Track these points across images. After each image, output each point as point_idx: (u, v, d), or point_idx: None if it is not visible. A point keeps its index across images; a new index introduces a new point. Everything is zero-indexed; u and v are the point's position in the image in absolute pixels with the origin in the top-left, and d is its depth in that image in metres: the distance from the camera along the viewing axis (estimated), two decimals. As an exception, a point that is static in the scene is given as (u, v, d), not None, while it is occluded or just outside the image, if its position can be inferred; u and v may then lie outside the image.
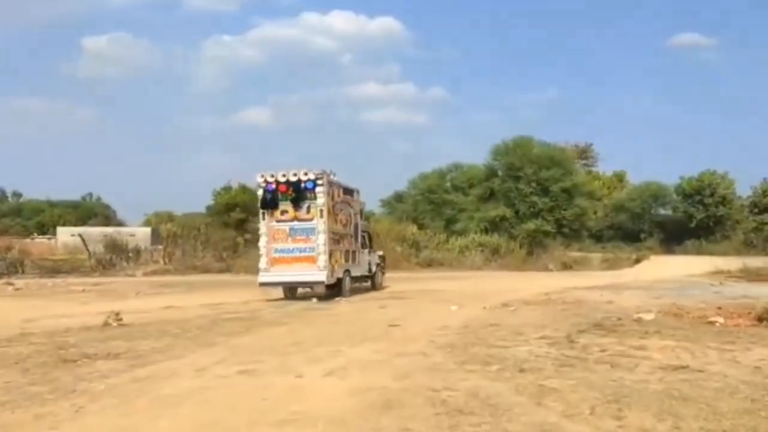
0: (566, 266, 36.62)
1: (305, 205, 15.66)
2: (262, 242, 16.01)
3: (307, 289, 16.30)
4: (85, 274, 30.71)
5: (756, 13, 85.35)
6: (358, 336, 9.45)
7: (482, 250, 36.48)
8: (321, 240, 15.36)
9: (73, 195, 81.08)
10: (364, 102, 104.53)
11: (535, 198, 38.10)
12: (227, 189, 36.19)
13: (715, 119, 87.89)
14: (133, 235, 40.91)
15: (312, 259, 15.36)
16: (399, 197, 54.74)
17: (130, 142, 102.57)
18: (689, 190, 51.86)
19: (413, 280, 24.50)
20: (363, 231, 18.76)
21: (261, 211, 16.16)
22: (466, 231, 39.95)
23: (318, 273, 15.30)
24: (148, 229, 51.23)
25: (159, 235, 40.87)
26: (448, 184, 50.97)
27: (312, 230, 15.47)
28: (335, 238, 16.24)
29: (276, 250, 15.70)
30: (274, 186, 15.73)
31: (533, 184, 38.35)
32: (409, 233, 37.12)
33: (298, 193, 15.62)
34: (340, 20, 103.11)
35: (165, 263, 35.60)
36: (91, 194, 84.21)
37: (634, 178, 65.39)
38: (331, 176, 16.22)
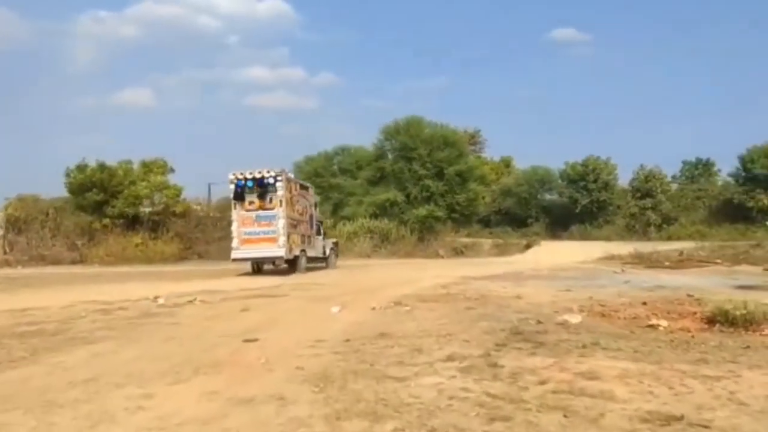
0: (457, 252, 35.32)
1: (268, 197, 19.40)
2: (234, 226, 19.78)
3: (270, 265, 20.40)
4: None
5: (625, 12, 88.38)
6: (192, 361, 6.55)
7: (371, 237, 34.28)
8: (281, 224, 19.13)
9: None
10: (251, 85, 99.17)
11: (428, 181, 36.23)
12: (82, 168, 31.39)
13: (594, 109, 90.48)
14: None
15: (274, 240, 19.12)
16: (284, 182, 51.32)
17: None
18: (574, 175, 52.27)
19: (291, 273, 21.71)
20: (318, 220, 22.76)
21: (233, 202, 19.92)
22: (354, 216, 37.55)
23: (278, 250, 19.14)
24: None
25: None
26: (336, 168, 48.37)
27: (274, 217, 19.24)
28: (293, 224, 19.90)
29: (245, 233, 19.50)
30: (243, 182, 19.36)
31: (428, 165, 36.46)
32: (293, 218, 34.13)
33: (262, 188, 19.34)
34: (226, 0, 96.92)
35: (5, 253, 30.52)
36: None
37: (519, 164, 65.74)
38: (289, 174, 20.26)
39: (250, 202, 19.58)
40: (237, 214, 19.65)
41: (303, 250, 20.48)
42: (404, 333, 8.09)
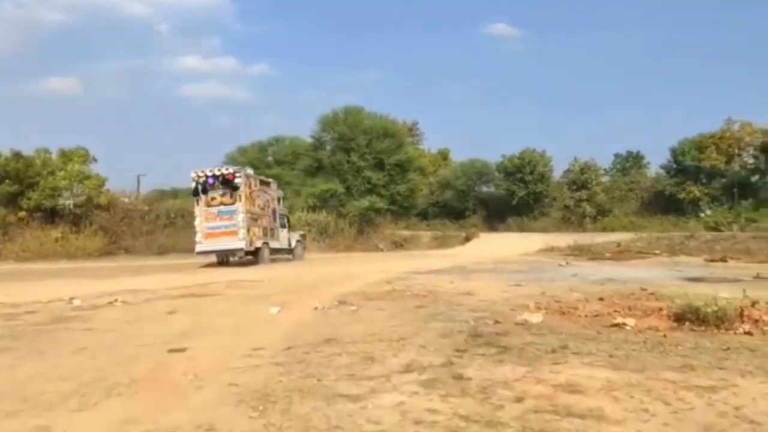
0: (397, 245, 34.80)
1: (229, 193, 20.35)
2: (197, 222, 20.67)
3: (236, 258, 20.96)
4: None
5: (556, 7, 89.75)
6: (105, 379, 5.54)
7: (309, 230, 33.20)
8: (240, 218, 20.17)
9: None
10: (183, 75, 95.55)
11: (368, 172, 35.40)
12: (-9, 157, 28.99)
13: (527, 104, 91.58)
14: None
15: (234, 233, 20.11)
16: (216, 174, 49.50)
17: None
18: (511, 167, 52.55)
19: (225, 267, 20.56)
20: (282, 214, 23.68)
21: (195, 198, 20.87)
22: (291, 208, 36.36)
23: (238, 242, 20.13)
24: None
25: None
26: (270, 158, 46.91)
27: (234, 212, 20.22)
28: (253, 218, 20.89)
29: (208, 227, 20.39)
30: (204, 179, 20.38)
31: (367, 157, 35.60)
32: (226, 211, 32.69)
33: (223, 185, 20.31)
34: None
35: None
36: None
37: (456, 157, 65.75)
38: (248, 171, 21.70)
39: (212, 198, 20.62)
40: (200, 209, 20.74)
41: (266, 243, 21.51)
42: (352, 337, 7.28)
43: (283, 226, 23.33)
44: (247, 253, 20.54)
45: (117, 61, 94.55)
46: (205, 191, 20.48)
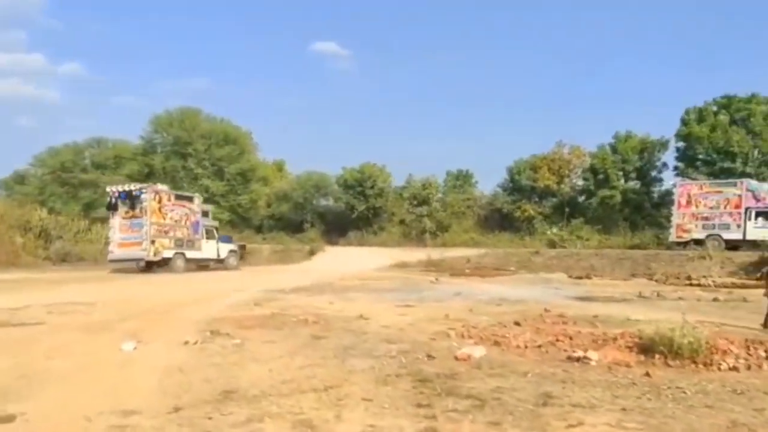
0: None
1: (138, 207, 21.78)
2: (112, 232, 22.58)
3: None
4: None
5: (382, 32, 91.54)
6: None
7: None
8: (144, 230, 21.53)
9: None
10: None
11: (207, 181, 32.39)
12: None
13: (357, 120, 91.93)
14: None
15: (140, 243, 21.45)
16: (20, 178, 43.24)
17: None
18: (351, 181, 51.78)
19: (46, 284, 17.01)
20: (209, 226, 24.73)
21: (109, 212, 22.69)
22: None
23: (142, 252, 21.50)
24: None
25: None
26: (87, 162, 41.87)
27: (140, 224, 21.64)
28: (163, 230, 22.17)
29: (121, 238, 22.04)
30: (117, 195, 22.10)
31: (206, 164, 32.57)
32: (35, 219, 28.07)
33: (133, 199, 21.82)
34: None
35: None
36: None
37: (292, 169, 63.87)
38: (159, 187, 23.04)
39: (126, 212, 22.25)
40: (115, 221, 22.47)
41: (179, 253, 22.79)
42: (260, 388, 5.40)
43: (210, 237, 24.54)
44: (152, 263, 21.84)
45: None
46: (116, 207, 22.32)
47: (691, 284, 15.70)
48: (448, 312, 10.46)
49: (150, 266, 22.11)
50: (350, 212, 52.84)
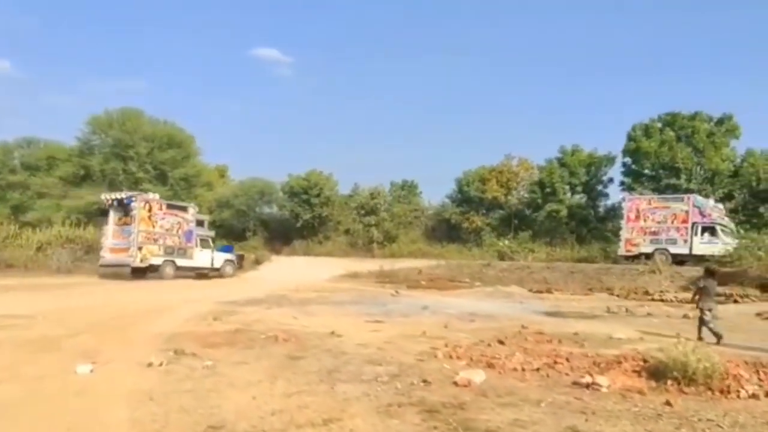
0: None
1: (129, 215, 22.56)
2: (104, 238, 23.38)
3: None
4: None
5: (323, 41, 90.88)
6: None
7: (73, 248, 27.89)
8: (132, 237, 22.28)
9: None
10: None
11: (148, 185, 30.91)
12: None
13: (299, 128, 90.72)
14: None
15: (128, 250, 22.26)
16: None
17: None
18: (296, 188, 50.81)
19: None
20: (203, 235, 25.12)
21: (105, 217, 23.57)
22: (46, 222, 30.50)
23: (128, 258, 22.19)
24: None
25: None
26: (17, 162, 39.58)
27: (129, 231, 22.41)
28: (152, 237, 22.76)
29: (113, 243, 22.93)
30: (111, 202, 23.08)
31: (148, 167, 31.08)
32: (-49, 222, 26.12)
33: (124, 207, 22.77)
34: None
35: None
36: None
37: (234, 175, 62.31)
38: (150, 196, 23.75)
39: (119, 218, 23.04)
40: (110, 227, 23.16)
41: (169, 260, 23.27)
42: (249, 421, 4.80)
43: (205, 247, 24.95)
44: (139, 269, 22.28)
45: None
46: (110, 212, 23.12)
47: (653, 299, 15.78)
48: (421, 328, 10.00)
49: (139, 272, 22.52)
50: (295, 220, 51.78)
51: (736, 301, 15.00)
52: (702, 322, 9.51)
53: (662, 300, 14.33)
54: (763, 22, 68.78)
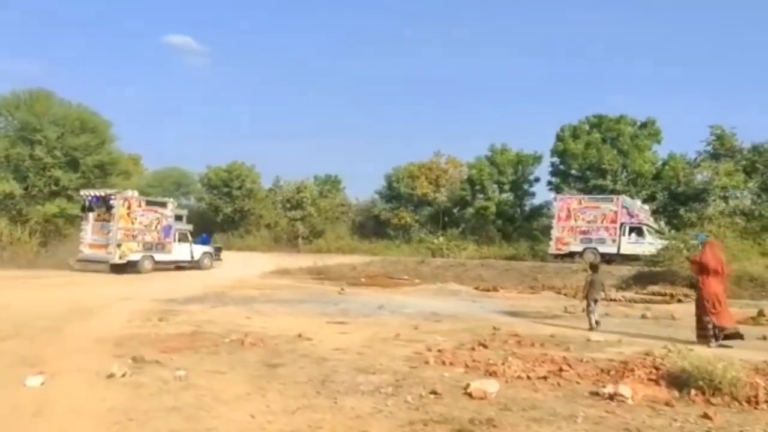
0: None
1: (108, 212, 23.06)
2: (84, 234, 23.46)
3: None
4: None
5: (249, 29, 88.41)
6: None
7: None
8: (111, 234, 22.72)
9: None
10: None
11: (58, 172, 28.52)
12: None
13: (216, 118, 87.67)
14: None
15: (107, 246, 22.75)
16: None
17: None
18: (216, 180, 48.94)
19: None
20: (182, 230, 25.69)
21: (85, 213, 23.69)
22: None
23: (107, 255, 22.62)
24: None
25: None
26: None
27: (108, 228, 22.90)
28: (131, 234, 23.33)
29: (93, 239, 23.35)
30: (91, 199, 23.50)
31: (57, 153, 28.63)
32: None
33: (105, 204, 23.21)
34: None
35: None
36: None
37: (148, 164, 59.29)
38: (129, 193, 24.40)
39: (98, 215, 23.30)
40: (89, 223, 23.33)
41: (147, 256, 23.61)
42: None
43: (183, 240, 25.37)
44: (118, 266, 22.22)
45: None
46: (91, 209, 23.33)
47: (602, 298, 15.84)
48: (389, 329, 9.46)
49: (118, 268, 22.45)
50: (214, 213, 49.87)
51: (680, 301, 15.34)
52: (588, 311, 10.60)
53: (612, 300, 14.42)
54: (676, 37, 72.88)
